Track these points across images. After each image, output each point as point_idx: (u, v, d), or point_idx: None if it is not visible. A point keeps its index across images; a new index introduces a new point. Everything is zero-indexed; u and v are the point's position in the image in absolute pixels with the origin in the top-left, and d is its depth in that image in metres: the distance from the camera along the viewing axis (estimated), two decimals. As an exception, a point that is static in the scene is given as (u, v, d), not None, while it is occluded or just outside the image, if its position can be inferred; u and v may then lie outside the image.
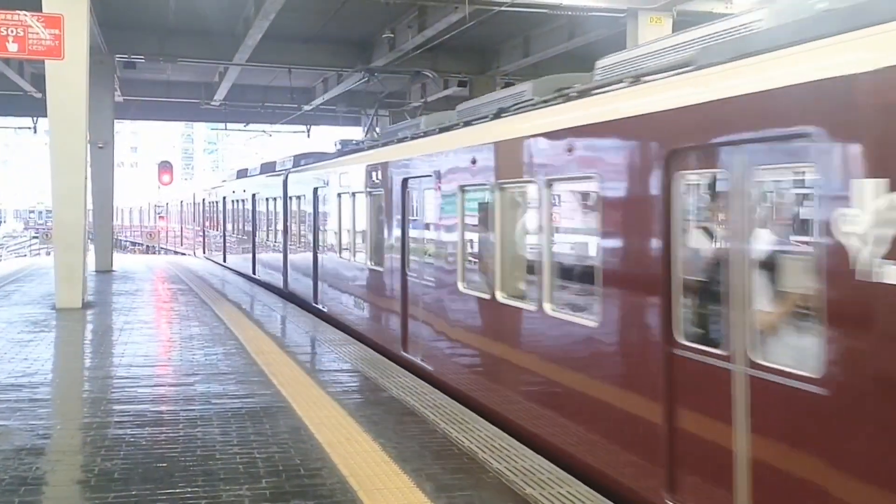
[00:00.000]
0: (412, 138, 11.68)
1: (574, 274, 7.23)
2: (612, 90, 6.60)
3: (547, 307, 7.27)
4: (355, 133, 44.67)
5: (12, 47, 15.76)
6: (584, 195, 7.12)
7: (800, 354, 4.63)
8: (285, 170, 20.93)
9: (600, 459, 6.34)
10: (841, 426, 4.23)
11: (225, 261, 29.83)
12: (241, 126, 43.00)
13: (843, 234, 4.20)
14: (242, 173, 28.72)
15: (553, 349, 7.18)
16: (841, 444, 4.24)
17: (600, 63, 7.16)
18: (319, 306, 16.33)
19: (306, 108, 36.66)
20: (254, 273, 24.06)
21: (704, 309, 5.45)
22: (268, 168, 24.01)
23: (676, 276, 5.55)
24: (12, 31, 15.64)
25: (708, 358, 5.23)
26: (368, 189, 13.05)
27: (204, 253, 34.98)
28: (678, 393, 5.45)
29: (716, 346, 5.19)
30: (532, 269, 7.64)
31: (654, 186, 5.72)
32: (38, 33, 15.73)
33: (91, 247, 23.73)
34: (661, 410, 5.56)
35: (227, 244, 29.75)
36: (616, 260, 6.27)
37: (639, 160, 5.98)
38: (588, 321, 6.62)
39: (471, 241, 9.16)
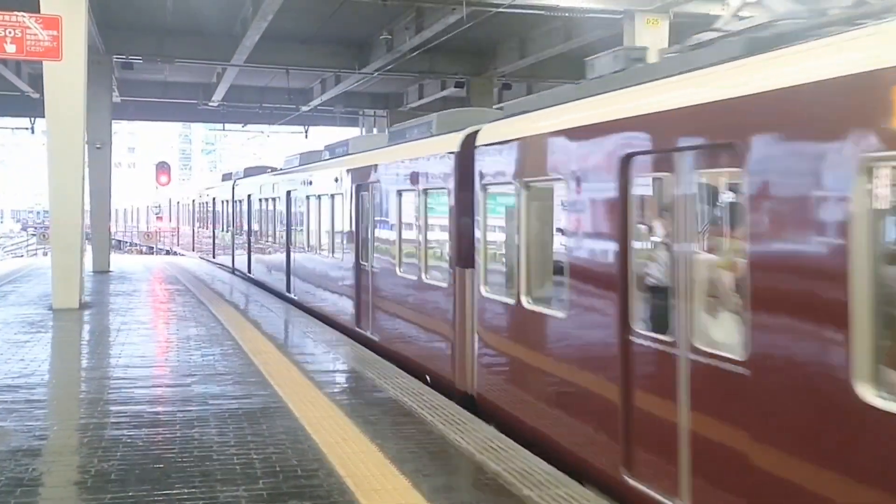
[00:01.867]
0: None
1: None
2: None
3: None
4: (354, 134, 44.74)
5: (10, 48, 15.74)
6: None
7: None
8: (451, 130, 10.50)
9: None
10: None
11: (290, 290, 19.33)
12: (238, 127, 43.02)
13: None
14: (313, 157, 18.56)
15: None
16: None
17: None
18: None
19: (304, 108, 36.69)
20: (359, 324, 13.62)
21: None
22: (364, 144, 15.08)
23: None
24: (10, 32, 15.62)
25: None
26: None
27: (249, 272, 24.88)
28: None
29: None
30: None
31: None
32: (36, 34, 15.72)
33: (88, 247, 23.70)
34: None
35: (297, 270, 18.92)
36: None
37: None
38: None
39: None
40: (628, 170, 6.18)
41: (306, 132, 42.33)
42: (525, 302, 7.94)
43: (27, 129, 38.37)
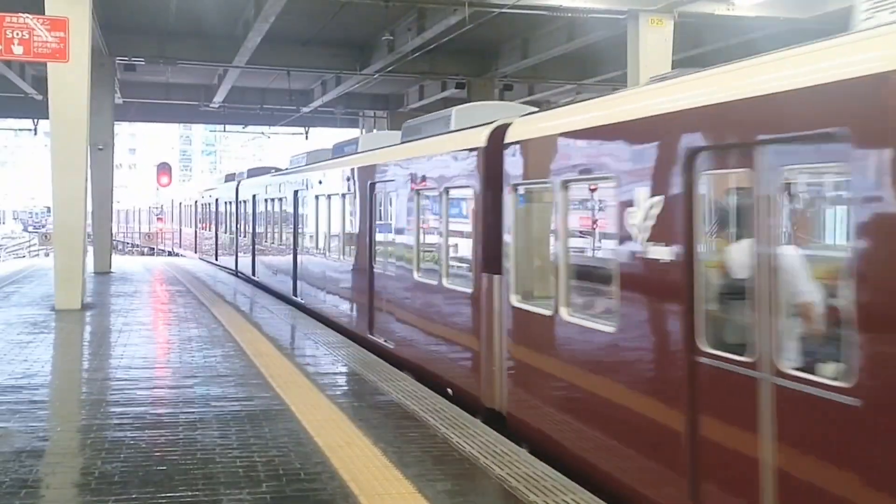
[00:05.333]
0: None
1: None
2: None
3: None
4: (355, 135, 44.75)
5: (17, 50, 15.78)
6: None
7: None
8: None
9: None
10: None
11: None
12: (239, 128, 43.04)
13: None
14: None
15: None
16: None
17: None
18: None
19: (305, 110, 36.68)
20: None
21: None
22: None
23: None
24: (17, 34, 15.66)
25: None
26: None
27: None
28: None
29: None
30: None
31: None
32: (41, 36, 15.75)
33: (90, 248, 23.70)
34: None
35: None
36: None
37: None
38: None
39: None
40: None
41: (306, 133, 42.38)
42: None
43: (30, 130, 38.40)
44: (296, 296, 18.48)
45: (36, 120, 36.33)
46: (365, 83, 31.93)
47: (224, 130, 46.74)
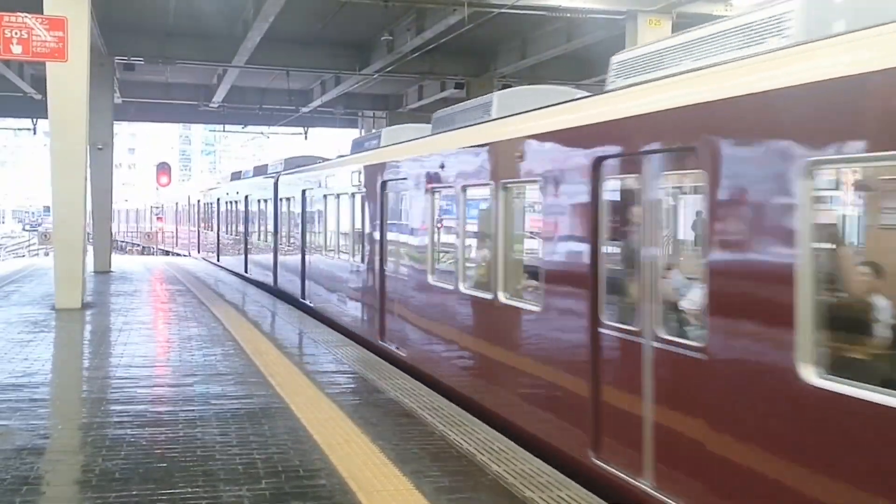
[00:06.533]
0: None
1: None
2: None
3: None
4: (353, 135, 44.77)
5: (16, 49, 15.82)
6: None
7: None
8: None
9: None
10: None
11: None
12: (239, 128, 43.11)
13: None
14: None
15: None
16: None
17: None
18: None
19: (304, 110, 36.73)
20: None
21: None
22: None
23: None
24: (16, 34, 15.70)
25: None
26: None
27: None
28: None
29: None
30: None
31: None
32: (40, 35, 15.79)
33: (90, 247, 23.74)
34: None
35: None
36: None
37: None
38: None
39: None
40: None
41: (306, 133, 42.45)
42: None
43: (30, 129, 38.45)
44: (384, 340, 12.32)
45: (35, 119, 36.39)
46: (364, 83, 31.98)
47: (223, 130, 46.83)
